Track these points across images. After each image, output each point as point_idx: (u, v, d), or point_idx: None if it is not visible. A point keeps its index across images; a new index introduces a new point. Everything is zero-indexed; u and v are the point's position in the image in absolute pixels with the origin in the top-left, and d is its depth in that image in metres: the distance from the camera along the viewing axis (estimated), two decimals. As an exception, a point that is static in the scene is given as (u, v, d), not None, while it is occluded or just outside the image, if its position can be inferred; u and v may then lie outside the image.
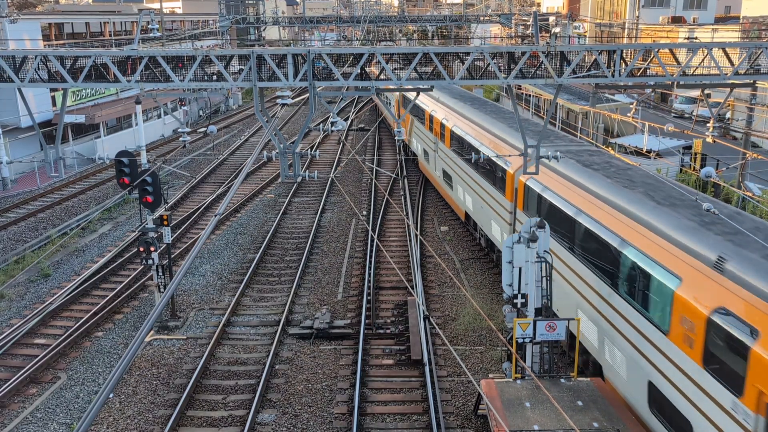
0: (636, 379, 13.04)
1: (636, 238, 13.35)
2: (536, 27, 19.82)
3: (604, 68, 16.28)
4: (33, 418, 15.91)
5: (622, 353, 13.56)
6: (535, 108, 46.22)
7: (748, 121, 26.75)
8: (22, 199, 32.88)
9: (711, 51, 16.40)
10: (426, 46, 18.20)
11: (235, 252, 26.36)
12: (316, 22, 58.43)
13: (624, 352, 13.46)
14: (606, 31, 68.38)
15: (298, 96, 66.27)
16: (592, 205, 15.63)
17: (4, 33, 38.53)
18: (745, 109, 27.89)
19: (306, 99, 55.93)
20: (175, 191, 34.27)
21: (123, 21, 56.37)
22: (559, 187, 17.57)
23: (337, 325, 19.95)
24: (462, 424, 15.40)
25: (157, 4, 64.68)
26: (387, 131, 50.09)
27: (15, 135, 37.95)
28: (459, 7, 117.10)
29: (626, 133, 34.29)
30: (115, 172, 20.63)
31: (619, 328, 13.66)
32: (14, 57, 15.77)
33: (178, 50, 16.48)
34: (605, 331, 14.31)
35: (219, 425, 15.51)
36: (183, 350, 18.94)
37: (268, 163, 39.94)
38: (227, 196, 11.21)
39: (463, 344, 19.01)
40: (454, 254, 25.70)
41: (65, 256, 26.08)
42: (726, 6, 73.77)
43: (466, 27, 69.61)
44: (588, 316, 15.22)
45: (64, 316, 21.01)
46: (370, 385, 17.08)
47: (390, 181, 36.08)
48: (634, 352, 13.01)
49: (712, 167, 24.70)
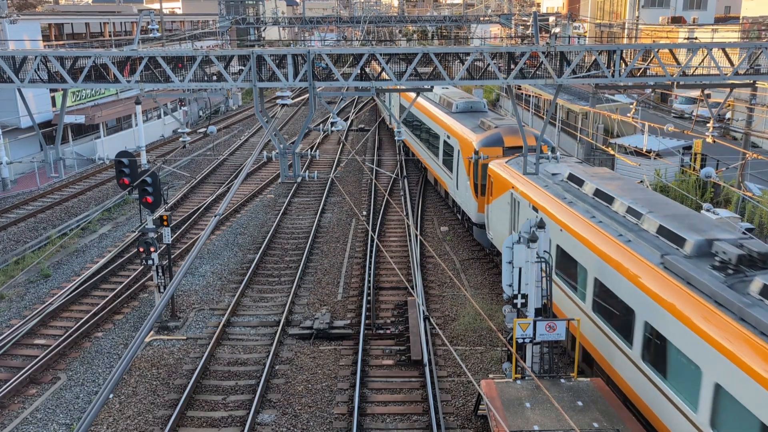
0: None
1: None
2: (536, 27, 19.87)
3: (604, 68, 16.30)
4: (33, 419, 15.90)
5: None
6: (535, 108, 46.22)
7: (748, 121, 26.75)
8: (22, 199, 32.87)
9: (711, 51, 16.41)
10: (426, 46, 18.22)
11: (234, 252, 26.36)
12: (316, 22, 58.46)
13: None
14: (606, 32, 68.38)
15: (298, 96, 66.27)
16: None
17: (4, 33, 38.53)
18: (745, 109, 27.89)
19: (306, 99, 55.92)
20: (175, 191, 34.26)
21: (123, 21, 56.39)
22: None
23: (337, 326, 19.94)
24: (462, 424, 15.39)
25: (156, 4, 64.67)
26: (387, 131, 50.08)
27: (15, 135, 37.95)
28: (459, 8, 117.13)
29: (626, 134, 34.28)
30: (115, 173, 20.64)
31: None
32: (14, 57, 15.79)
33: (178, 51, 16.49)
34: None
35: (219, 425, 15.50)
36: (183, 351, 18.94)
37: (268, 163, 39.94)
38: (227, 197, 11.21)
39: (463, 344, 19.01)
40: (454, 254, 25.70)
41: (65, 256, 26.07)
42: (726, 6, 73.75)
43: (466, 27, 69.62)
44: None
45: (63, 317, 21.01)
46: (370, 385, 17.08)
47: (390, 181, 36.08)
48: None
49: (712, 167, 24.72)
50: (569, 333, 15.90)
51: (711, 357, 10.66)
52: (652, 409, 12.56)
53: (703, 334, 10.88)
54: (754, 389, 9.60)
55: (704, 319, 11.00)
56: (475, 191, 24.75)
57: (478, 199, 24.57)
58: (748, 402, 9.76)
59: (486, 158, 24.09)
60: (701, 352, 10.90)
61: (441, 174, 30.44)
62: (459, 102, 30.82)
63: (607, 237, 14.74)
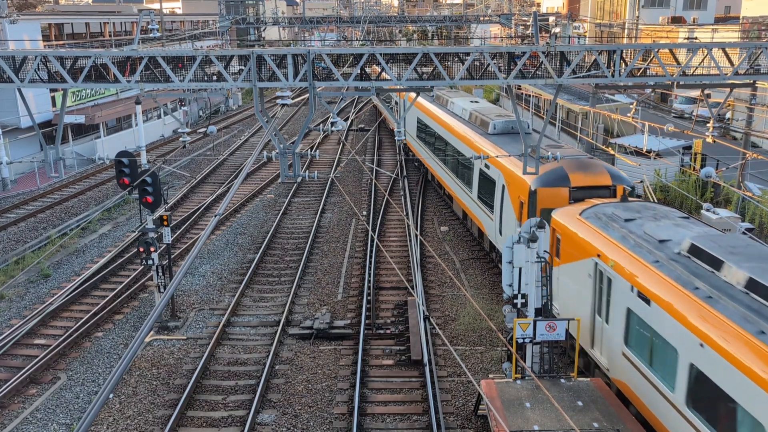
0: None
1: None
2: (536, 27, 19.87)
3: (604, 68, 16.30)
4: (33, 419, 15.90)
5: None
6: (535, 108, 46.23)
7: (748, 121, 26.75)
8: (22, 199, 32.88)
9: (711, 51, 16.41)
10: (426, 46, 18.19)
11: (234, 252, 26.35)
12: (316, 22, 58.45)
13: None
14: (606, 32, 68.37)
15: (298, 96, 66.27)
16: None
17: (4, 33, 38.52)
18: (745, 109, 27.88)
19: (306, 99, 55.93)
20: (175, 191, 34.26)
21: (123, 21, 56.38)
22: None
23: (337, 326, 19.94)
24: (462, 424, 15.39)
25: (156, 4, 64.68)
26: (387, 131, 50.08)
27: (15, 135, 37.95)
28: (459, 8, 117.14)
29: (626, 134, 34.29)
30: (115, 173, 20.63)
31: None
32: (14, 57, 15.78)
33: (178, 51, 16.50)
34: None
35: (219, 425, 15.50)
36: (183, 350, 18.94)
37: (268, 163, 39.94)
38: (227, 197, 11.21)
39: (463, 344, 19.01)
40: (454, 254, 25.70)
41: (65, 256, 26.07)
42: (726, 6, 73.74)
43: (466, 27, 69.62)
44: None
45: (64, 317, 21.01)
46: (370, 385, 17.08)
47: (390, 181, 36.08)
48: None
49: (712, 167, 24.72)
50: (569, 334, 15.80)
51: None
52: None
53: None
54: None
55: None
56: None
57: None
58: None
59: (545, 201, 19.13)
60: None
61: (474, 209, 25.18)
62: (497, 121, 25.30)
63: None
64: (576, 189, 19.18)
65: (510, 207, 20.93)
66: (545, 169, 19.41)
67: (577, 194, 19.10)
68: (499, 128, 25.12)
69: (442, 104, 32.87)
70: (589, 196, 18.94)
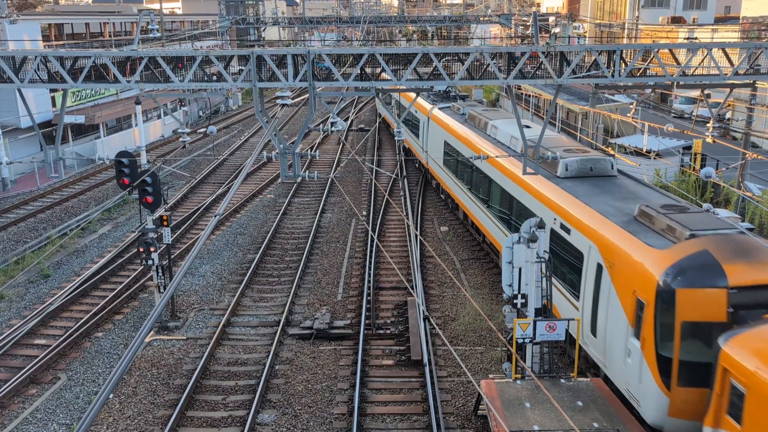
0: None
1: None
2: (536, 27, 19.82)
3: (604, 68, 16.30)
4: (33, 419, 15.91)
5: None
6: (535, 108, 46.23)
7: (748, 122, 26.74)
8: (21, 199, 32.88)
9: (711, 51, 16.41)
10: (426, 46, 18.15)
11: (234, 252, 26.35)
12: (316, 22, 58.43)
13: None
14: (606, 32, 68.38)
15: (298, 96, 66.26)
16: None
17: (4, 33, 38.51)
18: (745, 110, 27.88)
19: (306, 99, 55.91)
20: (174, 192, 34.26)
21: (123, 21, 56.34)
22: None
23: (336, 326, 19.95)
24: (462, 424, 15.39)
25: (156, 4, 64.68)
26: (387, 131, 50.08)
27: (15, 135, 37.95)
28: (459, 8, 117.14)
29: (626, 134, 34.29)
30: (115, 173, 20.64)
31: None
32: (14, 57, 15.78)
33: (177, 51, 16.49)
34: None
35: (219, 426, 15.50)
36: (183, 351, 18.94)
37: (267, 163, 39.94)
38: (227, 197, 11.21)
39: (463, 344, 19.01)
40: (454, 254, 25.70)
41: (65, 256, 26.07)
42: (726, 6, 73.74)
43: (466, 27, 69.61)
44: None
45: (63, 317, 21.01)
46: (370, 385, 17.08)
47: (390, 181, 36.08)
48: None
49: (711, 167, 24.69)
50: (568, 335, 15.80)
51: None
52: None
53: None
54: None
55: None
56: (661, 376, 12.33)
57: (669, 392, 12.26)
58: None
59: (688, 309, 11.92)
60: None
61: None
62: (569, 160, 18.71)
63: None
64: (738, 290, 11.86)
65: (616, 302, 13.77)
66: (679, 252, 12.47)
67: (741, 298, 11.82)
68: (575, 170, 18.66)
69: (478, 126, 26.28)
70: (761, 302, 11.80)
